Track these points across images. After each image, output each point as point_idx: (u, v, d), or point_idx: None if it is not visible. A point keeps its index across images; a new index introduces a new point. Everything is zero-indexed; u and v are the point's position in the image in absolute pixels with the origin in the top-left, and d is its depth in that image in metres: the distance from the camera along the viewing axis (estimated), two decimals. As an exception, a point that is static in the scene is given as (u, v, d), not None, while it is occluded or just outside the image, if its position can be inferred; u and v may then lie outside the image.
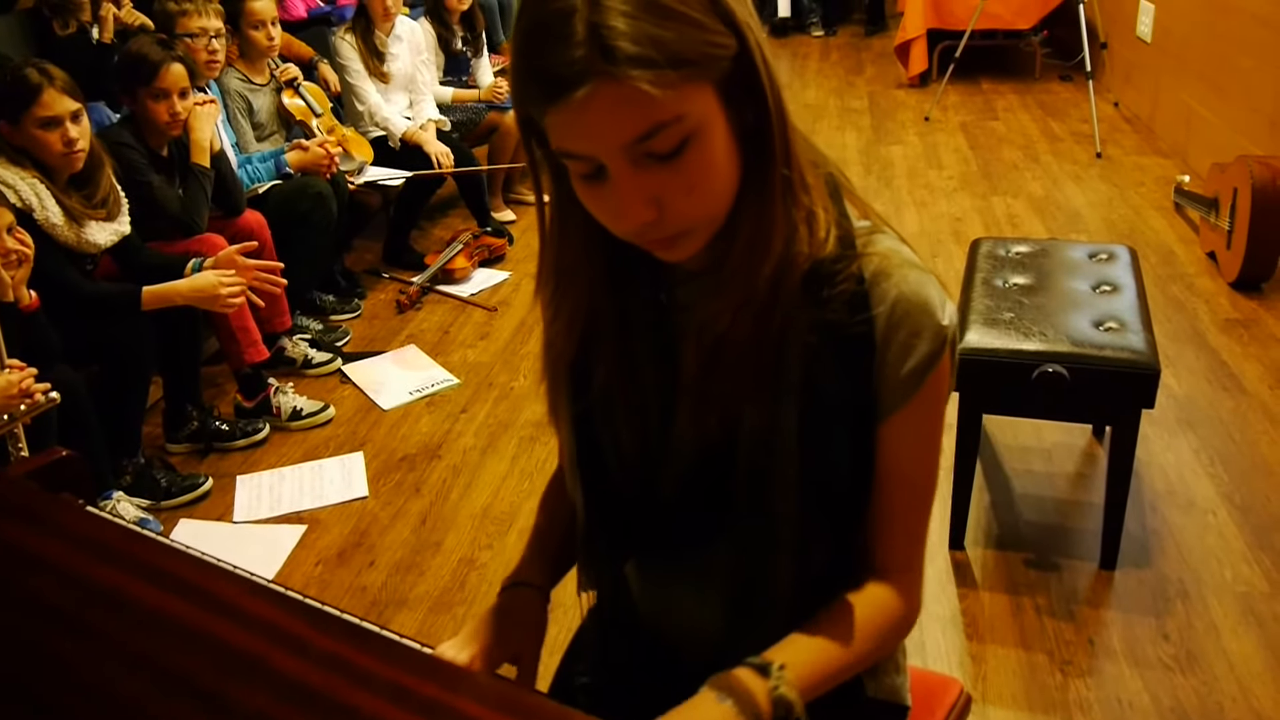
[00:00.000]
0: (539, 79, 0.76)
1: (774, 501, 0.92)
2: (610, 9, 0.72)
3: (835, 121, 5.78)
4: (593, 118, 0.75)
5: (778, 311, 0.88)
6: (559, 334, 0.98)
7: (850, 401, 0.90)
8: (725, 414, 0.92)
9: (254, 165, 3.43)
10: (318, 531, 2.60)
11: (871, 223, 0.95)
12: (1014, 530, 2.41)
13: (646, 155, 0.78)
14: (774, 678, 0.87)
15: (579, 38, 0.72)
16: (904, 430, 0.92)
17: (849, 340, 0.89)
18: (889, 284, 0.89)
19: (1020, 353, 2.09)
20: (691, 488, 0.96)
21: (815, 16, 8.07)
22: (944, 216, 4.31)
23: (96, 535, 0.57)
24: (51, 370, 2.29)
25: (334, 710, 0.44)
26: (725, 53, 0.78)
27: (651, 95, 0.73)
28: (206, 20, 3.29)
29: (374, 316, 3.82)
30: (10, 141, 2.46)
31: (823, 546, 0.95)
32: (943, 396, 0.94)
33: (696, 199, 0.82)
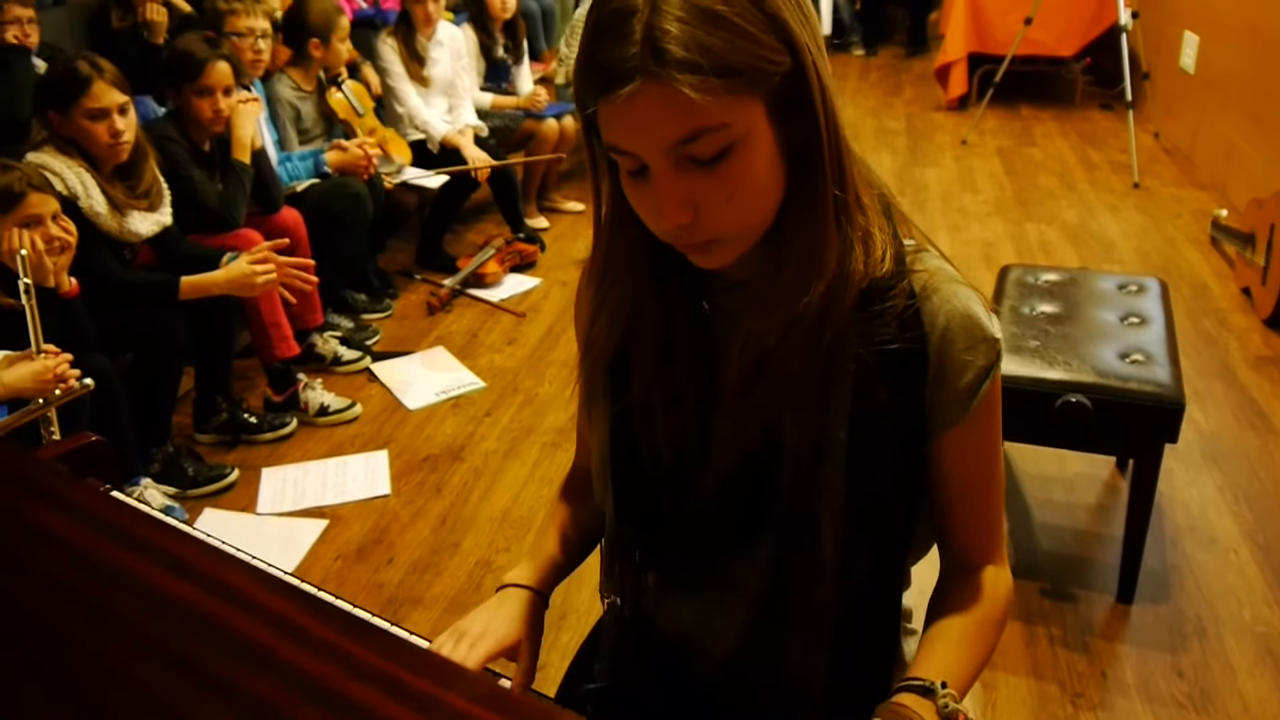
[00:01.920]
0: (596, 72, 0.79)
1: (819, 515, 0.93)
2: (668, 14, 0.75)
3: (871, 142, 5.78)
4: (638, 115, 0.78)
5: (828, 330, 0.89)
6: (600, 332, 1.00)
7: (900, 416, 0.92)
8: (766, 425, 0.93)
9: (293, 163, 3.48)
10: (339, 527, 2.64)
11: (917, 241, 0.96)
12: (1031, 559, 2.40)
13: (688, 159, 0.80)
14: (941, 695, 0.89)
15: (635, 37, 0.76)
16: (968, 440, 0.95)
17: (900, 356, 0.90)
18: (938, 300, 0.91)
19: (1043, 381, 2.09)
20: (727, 497, 0.97)
21: (856, 36, 8.08)
22: (976, 241, 4.30)
23: (116, 519, 0.59)
24: (86, 357, 2.34)
25: (329, 698, 0.46)
26: (777, 69, 0.80)
27: (694, 100, 0.75)
28: (254, 20, 3.36)
29: (404, 317, 3.86)
30: (59, 131, 2.52)
31: (866, 560, 0.95)
32: (999, 404, 0.97)
33: (734, 207, 0.83)
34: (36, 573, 0.55)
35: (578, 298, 1.07)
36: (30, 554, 0.56)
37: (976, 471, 0.98)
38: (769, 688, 1.00)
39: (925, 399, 0.92)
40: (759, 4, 0.78)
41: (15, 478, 0.62)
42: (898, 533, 0.96)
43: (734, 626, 1.01)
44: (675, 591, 1.08)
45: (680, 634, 1.09)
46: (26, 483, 0.63)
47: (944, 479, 0.97)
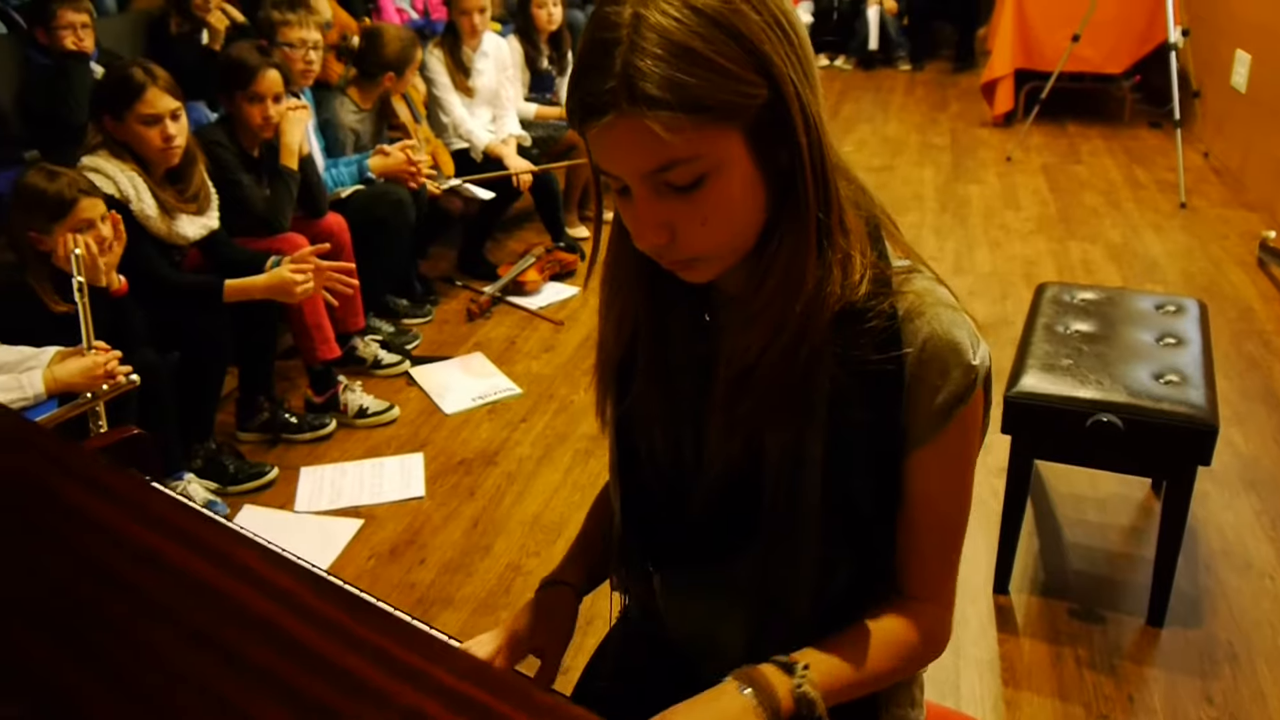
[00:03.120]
0: (578, 100, 0.82)
1: (798, 526, 0.95)
2: (645, 50, 0.77)
3: (914, 157, 5.76)
4: (613, 145, 0.82)
5: (804, 348, 0.90)
6: (609, 333, 1.04)
7: (876, 434, 0.93)
8: (750, 438, 0.95)
9: (338, 169, 3.56)
10: (373, 526, 2.68)
11: (910, 262, 0.97)
12: (1061, 579, 2.38)
13: (665, 184, 0.83)
14: (798, 676, 0.90)
15: (614, 70, 0.78)
16: (932, 463, 0.95)
17: (877, 376, 0.91)
18: (920, 322, 0.91)
19: (1074, 400, 2.08)
20: (718, 505, 0.99)
21: (903, 50, 8.06)
22: (1017, 258, 4.27)
23: (146, 503, 0.62)
24: (134, 353, 2.41)
25: (327, 668, 0.49)
26: (754, 101, 0.81)
27: (662, 136, 0.78)
28: (306, 32, 3.43)
29: (444, 322, 3.91)
30: (114, 135, 2.59)
31: (845, 571, 0.97)
32: (973, 434, 0.96)
33: (709, 230, 0.86)
34: (74, 549, 0.59)
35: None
36: (69, 533, 0.60)
37: (937, 499, 0.97)
38: None
39: (901, 420, 0.93)
40: (737, 37, 0.80)
41: (57, 463, 0.65)
42: (876, 549, 0.97)
43: (737, 630, 1.03)
44: (682, 593, 1.11)
45: (689, 635, 1.11)
46: (66, 467, 0.66)
47: (902, 505, 0.97)
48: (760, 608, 1.00)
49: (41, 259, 2.34)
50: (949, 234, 4.60)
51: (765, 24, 0.81)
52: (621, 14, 0.79)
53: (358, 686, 0.47)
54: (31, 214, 2.32)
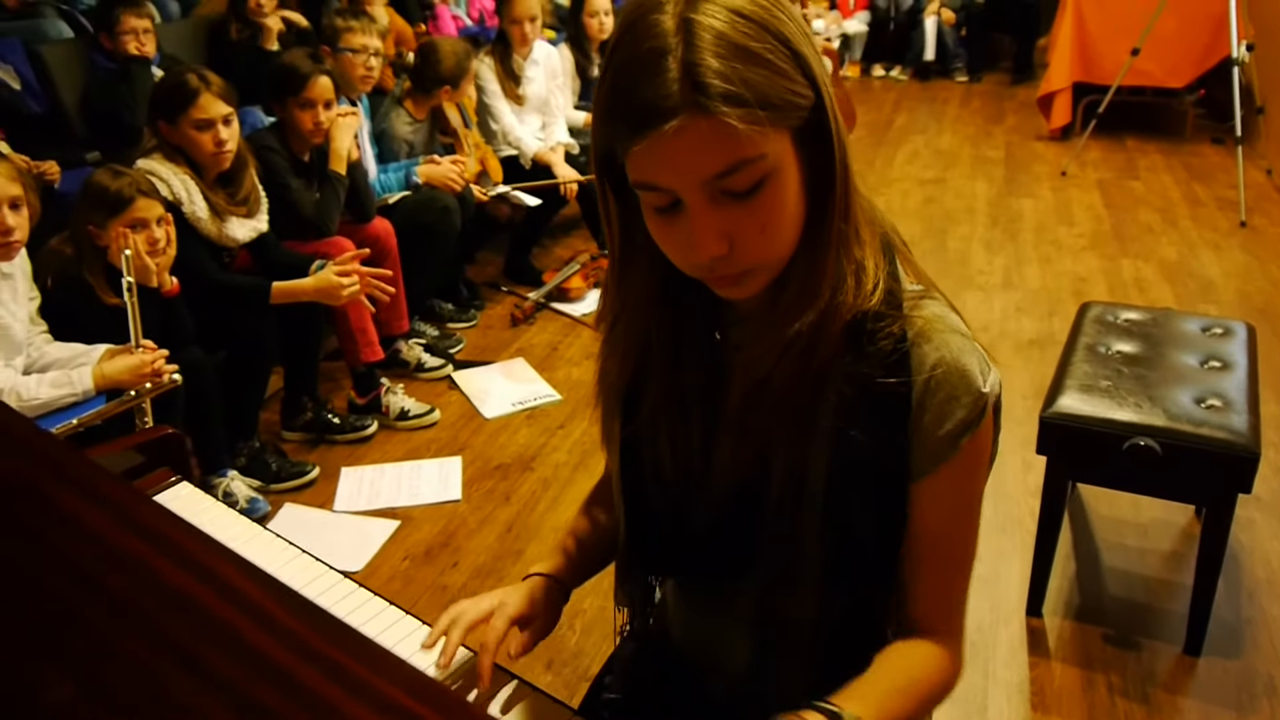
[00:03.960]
0: (629, 112, 0.80)
1: (799, 546, 0.95)
2: (703, 49, 0.77)
3: (967, 170, 5.70)
4: (680, 150, 0.80)
5: (817, 358, 0.90)
6: (615, 362, 1.04)
7: (880, 457, 0.92)
8: (761, 453, 0.95)
9: (387, 175, 3.62)
10: (409, 528, 2.72)
11: (923, 287, 0.97)
12: (1097, 603, 2.34)
13: (723, 192, 0.82)
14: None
15: (673, 74, 0.78)
16: (939, 492, 0.94)
17: (884, 397, 0.91)
18: (929, 348, 0.91)
19: (1111, 422, 2.05)
20: (724, 521, 1.00)
21: (960, 62, 7.99)
22: (1067, 275, 4.21)
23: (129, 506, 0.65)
24: (182, 352, 2.48)
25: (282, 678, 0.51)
26: (804, 103, 0.82)
27: (739, 131, 0.78)
28: (368, 39, 3.50)
29: (488, 327, 3.95)
30: (168, 139, 2.66)
31: (844, 594, 0.97)
32: (981, 463, 0.95)
33: (767, 238, 0.85)
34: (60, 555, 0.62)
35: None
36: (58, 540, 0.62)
37: (944, 529, 0.96)
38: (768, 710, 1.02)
39: (906, 445, 0.92)
40: (784, 40, 0.81)
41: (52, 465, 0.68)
42: (873, 573, 0.96)
43: (742, 645, 1.03)
44: (688, 609, 1.11)
45: (694, 649, 1.12)
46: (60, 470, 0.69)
47: (910, 534, 0.96)
48: (762, 625, 1.01)
49: (98, 253, 2.42)
50: (999, 249, 4.54)
51: (799, 32, 0.83)
52: (665, 22, 0.79)
53: (309, 699, 0.49)
54: (92, 209, 2.39)
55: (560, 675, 2.16)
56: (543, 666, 2.18)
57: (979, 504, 0.98)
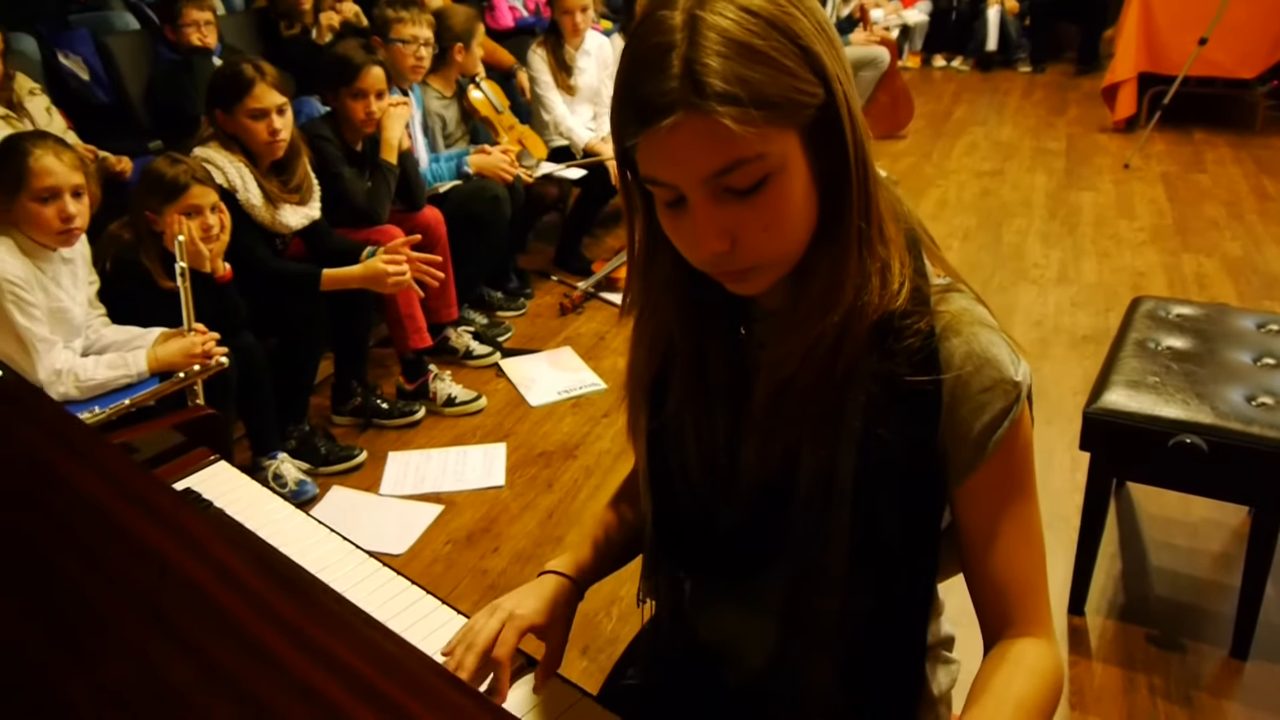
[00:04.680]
0: (633, 107, 0.81)
1: (825, 545, 0.94)
2: (706, 48, 0.78)
3: (1026, 162, 5.60)
4: (678, 147, 0.80)
5: (843, 358, 0.90)
6: (640, 357, 1.04)
7: (910, 456, 0.91)
8: (787, 452, 0.94)
9: (439, 165, 3.66)
10: (452, 513, 2.76)
11: (949, 280, 0.96)
12: (1142, 603, 2.30)
13: (725, 189, 0.82)
14: None
15: (674, 71, 0.78)
16: (990, 487, 0.92)
17: (913, 395, 0.90)
18: (958, 341, 0.90)
19: (1157, 419, 2.00)
20: (750, 519, 0.99)
21: (1024, 52, 7.84)
22: (1126, 270, 4.12)
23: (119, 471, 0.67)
24: (235, 337, 2.54)
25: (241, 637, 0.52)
26: (812, 101, 0.82)
27: (734, 131, 0.78)
28: (417, 29, 3.55)
29: (537, 315, 3.99)
30: (224, 128, 2.73)
31: (871, 593, 0.95)
32: (1026, 449, 0.94)
33: (770, 236, 0.85)
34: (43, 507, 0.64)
35: None
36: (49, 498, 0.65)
37: (1000, 525, 0.93)
38: (790, 706, 1.02)
39: (939, 442, 0.91)
40: (793, 37, 0.80)
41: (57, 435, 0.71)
42: (902, 571, 0.95)
43: (764, 642, 1.02)
44: (712, 602, 1.11)
45: (717, 643, 1.12)
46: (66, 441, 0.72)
47: (967, 534, 0.95)
48: (786, 623, 0.99)
49: (155, 238, 2.49)
50: (1056, 242, 4.46)
51: (814, 27, 0.82)
52: (673, 18, 0.80)
53: (267, 659, 0.51)
54: (149, 195, 2.46)
55: (596, 661, 2.18)
56: (578, 652, 2.20)
57: (1033, 489, 0.96)
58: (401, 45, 3.51)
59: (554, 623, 1.09)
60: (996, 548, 0.94)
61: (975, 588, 0.97)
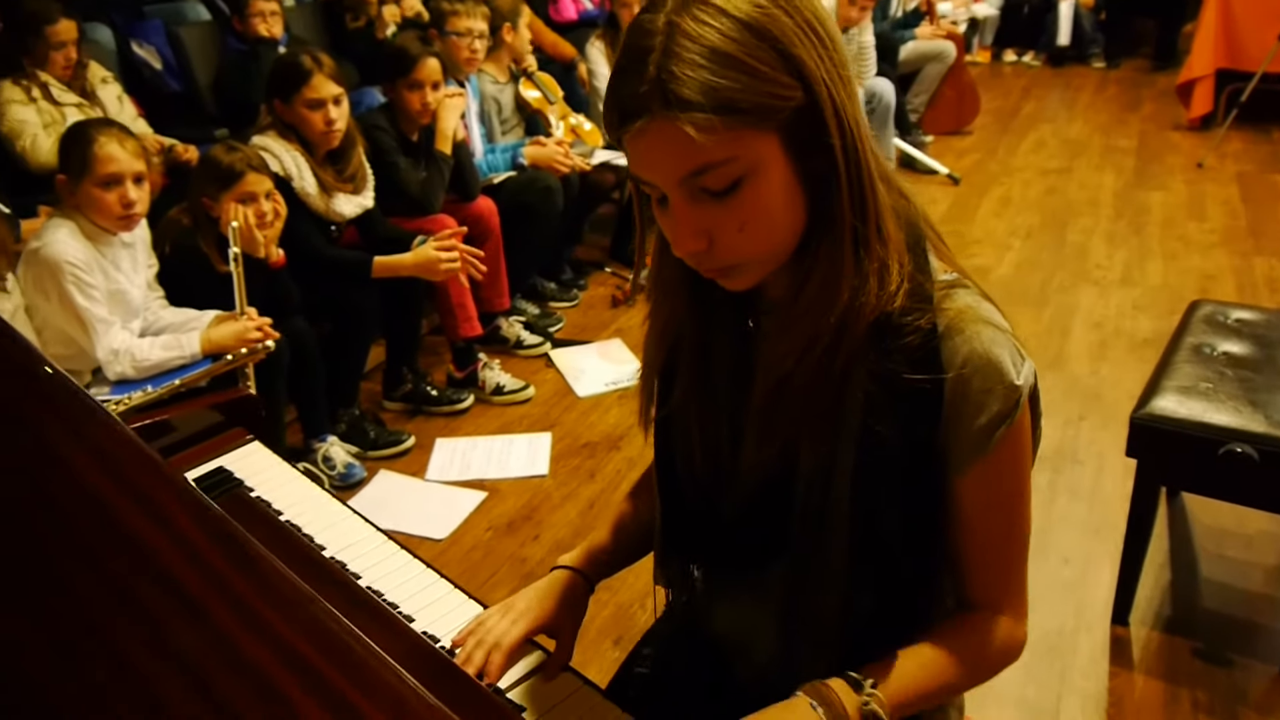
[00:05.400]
0: (611, 108, 0.84)
1: (826, 540, 0.94)
2: (679, 55, 0.79)
3: (1095, 160, 5.47)
4: (648, 150, 0.83)
5: (840, 357, 0.90)
6: (651, 346, 1.05)
7: (909, 452, 0.91)
8: (786, 448, 0.95)
9: (494, 156, 3.70)
10: (495, 500, 2.79)
11: (955, 276, 0.95)
12: (1188, 615, 2.24)
13: (702, 189, 0.83)
14: (865, 694, 0.91)
15: (648, 75, 0.80)
16: (982, 484, 0.93)
17: (913, 393, 0.89)
18: (960, 340, 0.89)
19: (1207, 426, 1.95)
20: (752, 511, 1.00)
21: (1097, 47, 7.66)
22: (1193, 272, 4.01)
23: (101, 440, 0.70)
24: (287, 321, 2.60)
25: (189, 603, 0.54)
26: (788, 103, 0.81)
27: (694, 138, 0.79)
28: (473, 22, 3.59)
29: (589, 307, 4.01)
30: (282, 117, 2.79)
31: (871, 590, 0.96)
32: (1020, 453, 0.94)
33: (746, 236, 0.86)
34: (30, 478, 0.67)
35: None
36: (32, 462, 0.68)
37: (992, 519, 0.95)
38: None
39: (939, 439, 0.91)
40: (771, 40, 0.80)
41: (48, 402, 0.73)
42: (900, 571, 0.95)
43: (767, 636, 1.03)
44: (722, 594, 1.12)
45: (725, 635, 1.12)
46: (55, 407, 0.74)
47: (959, 523, 0.96)
48: (788, 617, 1.00)
49: (211, 224, 2.55)
50: (1121, 243, 4.36)
51: (798, 26, 0.81)
52: (656, 21, 0.81)
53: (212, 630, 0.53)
54: (207, 182, 2.53)
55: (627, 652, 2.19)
56: (610, 643, 2.22)
57: (1025, 491, 0.97)
58: (457, 38, 3.55)
59: (564, 621, 1.10)
60: (983, 541, 0.96)
61: (959, 572, 0.99)
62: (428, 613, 1.10)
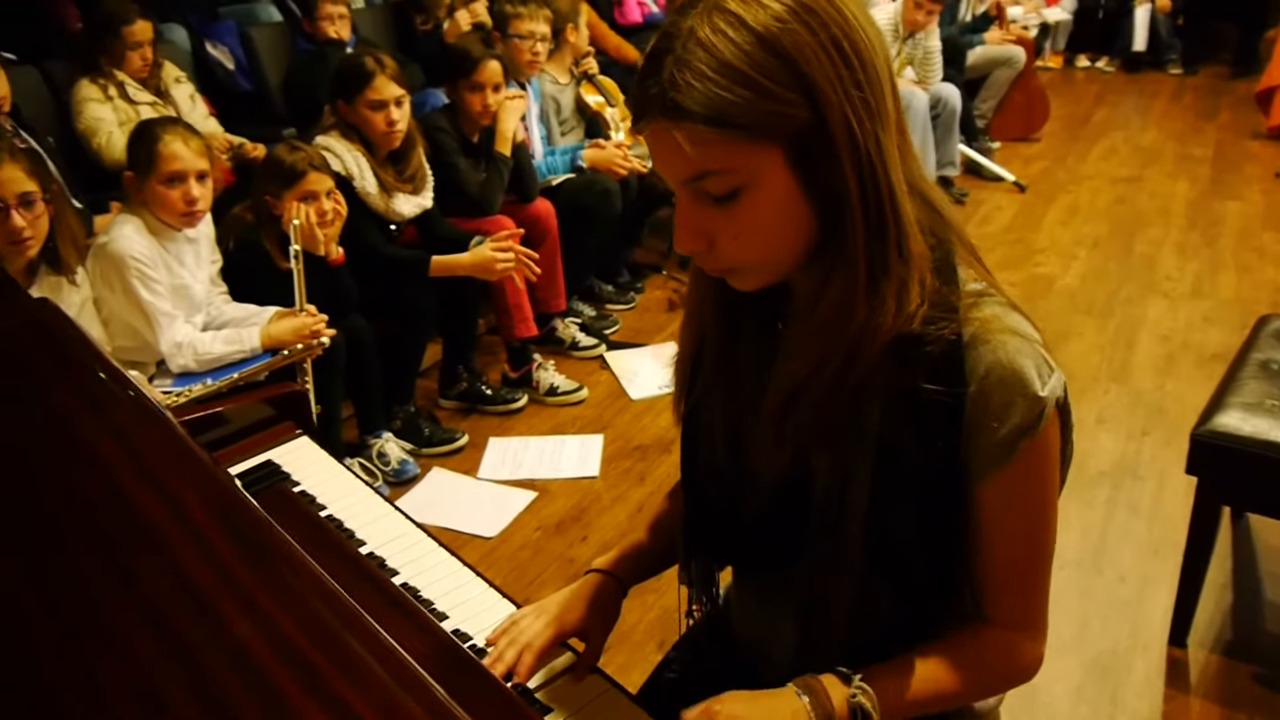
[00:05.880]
0: (631, 103, 0.86)
1: (841, 547, 0.94)
2: (689, 63, 0.80)
3: (1168, 168, 5.34)
4: (654, 150, 0.86)
5: (853, 374, 0.89)
6: (683, 329, 1.06)
7: (928, 462, 0.90)
8: (798, 455, 0.94)
9: (554, 158, 3.72)
10: (545, 500, 2.81)
11: (983, 286, 0.93)
12: (1250, 639, 2.17)
13: (703, 193, 0.85)
14: (854, 686, 0.92)
15: (660, 77, 0.81)
16: (1002, 494, 0.91)
17: (933, 404, 0.88)
18: (984, 350, 0.88)
19: (1271, 444, 1.89)
20: (770, 513, 1.00)
21: (1174, 54, 7.46)
22: (1267, 285, 3.88)
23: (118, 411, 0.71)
24: (345, 318, 2.64)
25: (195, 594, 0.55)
26: (792, 121, 0.81)
27: (693, 146, 0.80)
28: (535, 25, 3.62)
29: (646, 310, 4.01)
30: (345, 118, 2.84)
31: (885, 594, 0.95)
32: (1044, 466, 0.92)
33: (742, 245, 0.86)
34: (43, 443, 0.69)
35: None
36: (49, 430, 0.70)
37: (1011, 533, 0.93)
38: None
39: (960, 449, 0.89)
40: (782, 56, 0.79)
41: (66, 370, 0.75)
42: (915, 581, 0.94)
43: (788, 638, 1.03)
44: (746, 595, 1.12)
45: (750, 638, 1.12)
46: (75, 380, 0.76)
47: (978, 535, 0.94)
48: (805, 621, 1.00)
49: (274, 221, 2.61)
50: (1193, 254, 4.24)
51: (820, 45, 0.80)
52: (680, 25, 0.82)
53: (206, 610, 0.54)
54: (269, 180, 2.59)
55: (671, 655, 2.19)
56: (655, 646, 2.21)
57: (1050, 504, 0.95)
58: (519, 40, 3.58)
59: (594, 625, 1.10)
60: (1001, 553, 0.95)
61: (976, 584, 0.97)
62: (461, 611, 1.11)
